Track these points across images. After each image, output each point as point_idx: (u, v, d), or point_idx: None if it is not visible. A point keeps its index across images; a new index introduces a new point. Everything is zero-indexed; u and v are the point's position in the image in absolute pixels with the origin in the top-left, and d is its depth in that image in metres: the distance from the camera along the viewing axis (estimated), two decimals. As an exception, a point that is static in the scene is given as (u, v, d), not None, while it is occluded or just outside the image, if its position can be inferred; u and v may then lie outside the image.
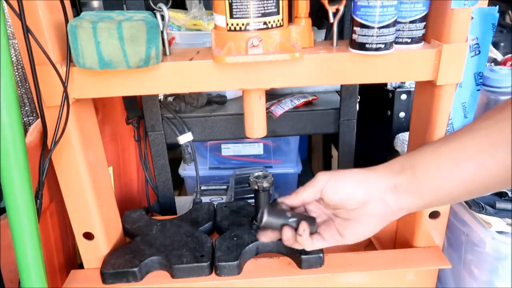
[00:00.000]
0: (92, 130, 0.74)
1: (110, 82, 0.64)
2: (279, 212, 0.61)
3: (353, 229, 0.59)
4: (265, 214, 0.60)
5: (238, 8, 0.59)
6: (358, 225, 0.59)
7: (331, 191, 0.59)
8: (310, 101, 1.01)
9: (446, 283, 0.86)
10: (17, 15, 0.54)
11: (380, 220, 0.59)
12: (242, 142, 1.25)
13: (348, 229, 0.60)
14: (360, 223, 0.59)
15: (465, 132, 0.54)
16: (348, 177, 0.59)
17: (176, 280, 0.74)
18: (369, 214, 0.58)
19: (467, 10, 0.62)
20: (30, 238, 0.55)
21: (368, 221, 0.58)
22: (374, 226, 0.59)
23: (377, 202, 0.57)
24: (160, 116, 0.94)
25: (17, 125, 0.51)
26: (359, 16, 0.60)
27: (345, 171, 0.60)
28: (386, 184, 0.57)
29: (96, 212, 0.75)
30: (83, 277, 0.78)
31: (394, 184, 0.57)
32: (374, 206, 0.57)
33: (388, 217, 0.59)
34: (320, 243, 0.62)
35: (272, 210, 0.61)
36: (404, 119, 1.05)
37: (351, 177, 0.59)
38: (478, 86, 0.68)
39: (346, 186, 0.58)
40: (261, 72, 0.64)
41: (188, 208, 0.94)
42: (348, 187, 0.58)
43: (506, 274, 0.73)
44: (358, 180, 0.58)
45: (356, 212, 0.58)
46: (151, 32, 0.58)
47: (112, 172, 1.01)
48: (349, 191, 0.58)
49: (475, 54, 0.65)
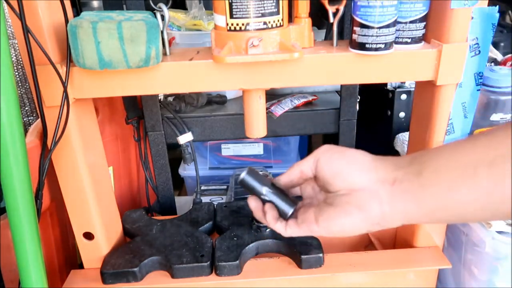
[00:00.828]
0: (92, 130, 0.74)
1: (110, 82, 0.64)
2: (262, 180, 0.57)
3: (330, 217, 0.50)
4: (244, 172, 0.56)
5: (238, 8, 0.59)
6: (337, 213, 0.50)
7: (325, 162, 0.52)
8: (310, 101, 1.01)
9: (446, 283, 0.86)
10: (17, 15, 0.54)
11: (364, 218, 0.49)
12: (242, 142, 1.25)
13: (326, 215, 0.51)
14: (340, 212, 0.50)
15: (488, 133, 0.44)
16: (349, 155, 0.51)
17: (176, 280, 0.74)
18: (354, 204, 0.49)
19: (467, 10, 0.62)
20: (30, 238, 0.55)
21: (350, 212, 0.49)
22: (354, 222, 0.49)
23: (368, 193, 0.48)
24: (160, 116, 0.94)
25: (17, 125, 0.51)
26: (359, 16, 0.60)
27: (350, 149, 0.53)
28: (385, 176, 0.48)
29: (96, 212, 0.75)
30: (83, 277, 0.78)
31: (393, 178, 0.47)
32: (362, 196, 0.48)
33: (375, 218, 0.48)
34: (293, 230, 0.55)
35: (255, 174, 0.57)
36: (404, 119, 1.05)
37: (352, 156, 0.51)
38: (478, 86, 0.68)
39: (341, 162, 0.51)
40: (261, 72, 0.64)
41: (188, 208, 0.94)
42: (343, 164, 0.51)
43: (506, 274, 0.73)
44: (357, 161, 0.50)
45: (341, 199, 0.50)
46: (151, 32, 0.58)
47: (112, 172, 1.01)
48: (342, 168, 0.50)
49: (475, 54, 0.65)
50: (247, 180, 0.56)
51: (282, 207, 0.56)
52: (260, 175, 0.58)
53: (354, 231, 0.50)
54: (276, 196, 0.57)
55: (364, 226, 0.49)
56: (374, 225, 0.49)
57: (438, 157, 0.45)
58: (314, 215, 0.52)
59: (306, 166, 0.54)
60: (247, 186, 0.57)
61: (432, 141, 0.71)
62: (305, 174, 0.55)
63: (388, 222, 0.49)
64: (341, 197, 0.50)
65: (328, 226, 0.51)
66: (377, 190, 0.48)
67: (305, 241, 0.77)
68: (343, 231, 0.50)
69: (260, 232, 0.81)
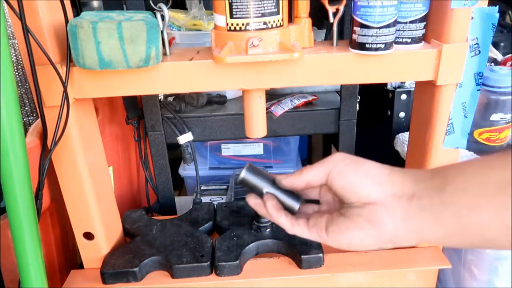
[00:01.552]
0: (92, 130, 0.74)
1: (110, 82, 0.64)
2: (264, 177, 0.53)
3: (340, 228, 0.48)
4: (244, 170, 0.52)
5: (238, 8, 0.59)
6: (347, 226, 0.47)
7: (336, 174, 0.48)
8: (310, 101, 1.01)
9: (446, 283, 0.86)
10: (17, 15, 0.54)
11: (375, 234, 0.45)
12: (242, 142, 1.25)
13: (336, 226, 0.48)
14: (350, 225, 0.47)
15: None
16: (363, 167, 0.48)
17: (176, 280, 0.74)
18: (365, 218, 0.46)
19: (467, 10, 0.62)
20: (30, 238, 0.55)
21: (361, 226, 0.46)
22: (364, 237, 0.46)
23: (381, 208, 0.45)
24: (160, 116, 0.94)
25: (17, 125, 0.51)
26: (359, 16, 0.60)
27: (365, 161, 0.49)
28: (402, 190, 0.44)
29: (96, 212, 0.75)
30: (83, 277, 0.78)
31: (411, 193, 0.43)
32: (375, 210, 0.45)
33: (387, 235, 0.45)
34: (301, 229, 0.52)
35: (256, 171, 0.53)
36: (404, 119, 1.05)
37: (366, 167, 0.47)
38: (478, 86, 0.68)
39: (354, 174, 0.47)
40: (261, 72, 0.64)
41: (188, 208, 0.94)
42: (356, 177, 0.47)
43: (506, 274, 0.73)
44: (372, 174, 0.47)
45: (353, 211, 0.47)
46: (151, 32, 0.58)
47: (112, 172, 1.01)
48: (355, 181, 0.47)
49: (475, 54, 0.65)
50: (248, 178, 0.53)
51: (289, 202, 0.53)
52: (260, 171, 0.55)
53: (364, 246, 0.47)
54: (280, 192, 0.54)
55: (374, 243, 0.46)
56: (386, 242, 0.46)
57: (464, 172, 0.41)
58: (326, 223, 0.50)
59: (315, 176, 0.51)
60: (249, 185, 0.54)
61: (432, 141, 0.71)
62: (311, 184, 0.52)
63: (401, 240, 0.45)
64: (353, 209, 0.47)
65: (337, 237, 0.48)
66: (391, 205, 0.44)
67: (305, 241, 0.77)
68: (351, 245, 0.48)
69: (260, 232, 0.81)
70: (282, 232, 0.80)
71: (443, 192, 0.41)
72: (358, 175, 0.47)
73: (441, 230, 0.42)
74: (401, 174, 0.46)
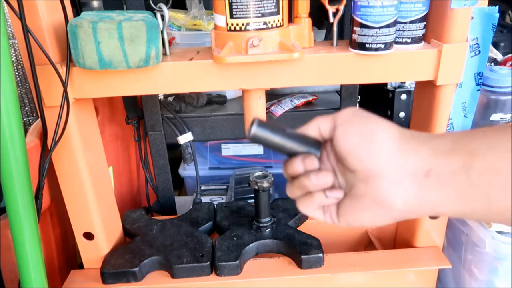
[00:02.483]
0: (92, 130, 0.74)
1: (110, 82, 0.64)
2: (275, 127, 0.47)
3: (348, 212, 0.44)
4: (254, 125, 0.46)
5: (238, 8, 0.59)
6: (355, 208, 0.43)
7: (341, 134, 0.42)
8: (310, 101, 1.01)
9: (446, 283, 0.86)
10: (17, 15, 0.54)
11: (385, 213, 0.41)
12: (242, 142, 1.25)
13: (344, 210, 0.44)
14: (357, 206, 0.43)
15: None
16: (370, 129, 0.41)
17: (176, 280, 0.74)
18: (371, 198, 0.41)
19: (467, 10, 0.62)
20: (30, 238, 0.55)
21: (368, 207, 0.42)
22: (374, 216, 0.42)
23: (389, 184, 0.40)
24: (160, 116, 0.94)
25: (17, 125, 0.51)
26: (359, 16, 0.60)
27: (374, 120, 0.42)
28: (417, 163, 0.38)
29: (96, 212, 0.75)
30: (83, 277, 0.78)
31: (428, 168, 0.38)
32: (382, 186, 0.40)
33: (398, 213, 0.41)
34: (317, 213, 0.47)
35: (266, 124, 0.47)
36: (404, 119, 1.05)
37: (374, 130, 0.41)
38: (478, 86, 0.68)
39: (360, 137, 0.41)
40: (261, 72, 0.64)
41: (188, 208, 0.94)
42: (361, 141, 0.41)
43: (506, 274, 0.73)
44: (379, 140, 0.40)
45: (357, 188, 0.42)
46: (151, 32, 0.58)
47: (112, 172, 1.01)
48: (359, 146, 0.41)
49: (475, 54, 0.65)
50: (259, 133, 0.46)
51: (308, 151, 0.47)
52: (270, 122, 0.48)
53: (377, 223, 0.43)
54: (297, 142, 0.47)
55: (387, 220, 0.42)
56: (398, 218, 0.42)
57: (493, 147, 0.35)
58: (336, 206, 0.45)
59: (324, 126, 0.45)
60: (261, 140, 0.47)
61: (432, 141, 0.71)
62: (322, 133, 0.46)
63: (415, 215, 0.41)
64: (358, 186, 0.42)
65: (347, 220, 0.44)
66: (402, 181, 0.39)
67: (305, 241, 0.77)
68: (364, 225, 0.44)
69: (260, 232, 0.81)
70: (282, 232, 0.80)
71: (469, 170, 0.36)
72: (363, 139, 0.41)
73: (463, 208, 0.37)
74: (415, 142, 0.40)
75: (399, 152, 0.39)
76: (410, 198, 0.39)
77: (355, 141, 0.41)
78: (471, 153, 0.36)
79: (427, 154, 0.38)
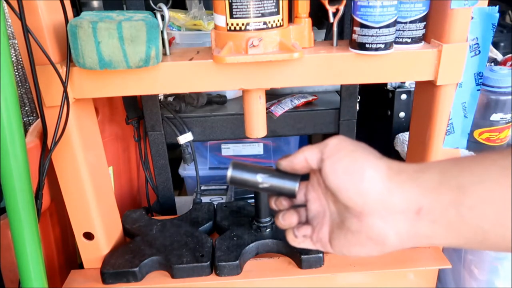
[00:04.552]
0: (92, 130, 0.74)
1: (110, 82, 0.64)
2: (252, 169, 0.49)
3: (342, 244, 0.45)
4: (229, 169, 0.48)
5: (238, 8, 0.59)
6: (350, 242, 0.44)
7: (330, 168, 0.42)
8: (310, 101, 1.01)
9: (446, 283, 0.86)
10: (17, 15, 0.54)
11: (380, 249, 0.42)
12: (242, 142, 1.25)
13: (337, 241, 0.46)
14: (352, 241, 0.44)
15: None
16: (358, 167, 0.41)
17: (176, 280, 0.74)
18: (365, 235, 0.42)
19: (467, 10, 0.62)
20: (30, 238, 0.55)
21: (363, 243, 0.43)
22: (370, 252, 0.43)
23: (381, 222, 0.40)
24: (160, 116, 0.94)
25: (17, 125, 0.51)
26: (359, 16, 0.60)
27: (365, 155, 0.42)
28: (407, 203, 0.39)
29: (96, 212, 0.75)
30: (83, 277, 0.78)
31: (418, 206, 0.38)
32: (375, 225, 0.40)
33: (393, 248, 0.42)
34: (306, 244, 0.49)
35: (242, 166, 0.49)
36: (404, 119, 1.05)
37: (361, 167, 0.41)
38: (478, 86, 0.68)
39: (347, 175, 0.41)
40: (261, 72, 0.64)
41: (188, 208, 0.94)
42: (349, 178, 0.41)
43: (506, 274, 0.73)
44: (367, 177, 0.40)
45: (351, 223, 0.43)
46: (151, 32, 0.58)
47: (112, 172, 1.01)
48: (348, 183, 0.41)
49: (475, 54, 0.65)
50: (235, 176, 0.49)
51: (286, 186, 0.49)
52: (247, 164, 0.50)
53: (372, 255, 0.44)
54: (275, 178, 0.49)
55: (381, 253, 0.43)
56: (393, 250, 0.42)
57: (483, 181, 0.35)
58: (329, 237, 0.47)
59: (312, 157, 0.45)
60: (239, 182, 0.50)
61: (432, 141, 0.71)
62: (310, 164, 0.46)
63: (409, 246, 0.42)
64: (351, 220, 0.43)
65: (343, 252, 0.46)
66: (394, 217, 0.39)
67: (305, 241, 0.77)
68: (359, 256, 0.45)
69: (260, 232, 0.81)
70: (282, 232, 0.80)
71: (460, 206, 0.36)
72: (351, 178, 0.41)
73: (458, 240, 0.38)
74: (402, 180, 0.39)
75: (387, 191, 0.39)
76: (403, 233, 0.40)
77: (343, 180, 0.41)
78: (460, 188, 0.36)
79: (416, 192, 0.38)
